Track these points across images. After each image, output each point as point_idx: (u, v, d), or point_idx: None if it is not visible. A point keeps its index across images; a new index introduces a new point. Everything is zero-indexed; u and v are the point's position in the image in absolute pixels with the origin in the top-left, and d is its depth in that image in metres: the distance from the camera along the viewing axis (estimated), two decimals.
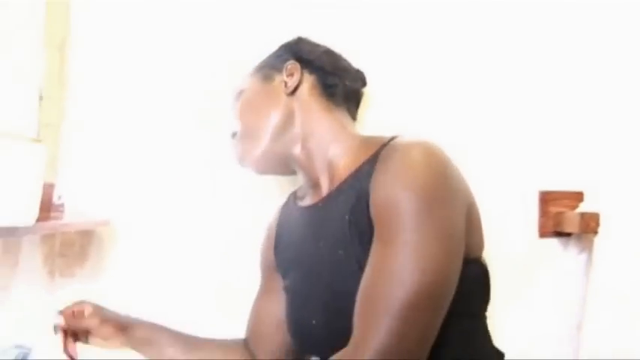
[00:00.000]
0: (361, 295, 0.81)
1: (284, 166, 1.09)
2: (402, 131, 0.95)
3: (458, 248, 0.83)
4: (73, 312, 1.09)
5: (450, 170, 0.87)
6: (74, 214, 1.21)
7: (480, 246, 0.95)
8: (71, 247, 1.32)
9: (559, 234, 1.33)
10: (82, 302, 1.12)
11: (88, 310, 1.10)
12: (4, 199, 0.90)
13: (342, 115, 1.06)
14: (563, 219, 1.31)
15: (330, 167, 1.01)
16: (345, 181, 0.96)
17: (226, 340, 1.18)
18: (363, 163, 0.93)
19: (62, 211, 1.19)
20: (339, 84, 1.06)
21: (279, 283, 1.14)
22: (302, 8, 1.30)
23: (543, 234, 1.33)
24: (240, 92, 1.10)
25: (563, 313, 1.31)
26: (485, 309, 0.97)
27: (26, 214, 0.93)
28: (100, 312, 1.11)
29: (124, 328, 1.11)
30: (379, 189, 0.85)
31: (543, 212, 1.33)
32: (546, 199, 1.34)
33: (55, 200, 1.19)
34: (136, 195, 1.31)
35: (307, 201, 1.07)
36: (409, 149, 0.86)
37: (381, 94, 1.27)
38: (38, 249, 1.25)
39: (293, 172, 1.11)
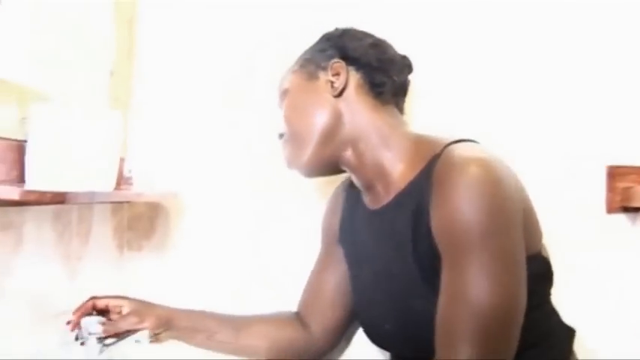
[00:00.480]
0: (439, 322, 0.85)
1: (333, 169, 1.06)
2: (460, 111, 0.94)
3: (522, 264, 0.85)
4: (108, 304, 1.09)
5: (507, 185, 0.86)
6: (143, 187, 1.22)
7: (538, 238, 0.95)
8: (139, 221, 1.35)
9: (627, 209, 1.31)
10: (118, 297, 1.11)
11: (126, 308, 1.09)
12: (84, 163, 0.91)
13: (392, 114, 1.03)
14: (631, 194, 1.29)
15: (384, 174, 1.00)
16: (402, 194, 0.96)
17: (276, 314, 1.19)
18: (419, 177, 0.93)
19: (131, 184, 1.22)
20: (386, 81, 1.02)
21: (339, 256, 1.15)
22: None
23: (611, 209, 1.31)
24: (285, 91, 1.07)
25: (631, 288, 1.29)
26: (549, 293, 0.98)
27: (105, 179, 0.95)
28: (138, 308, 1.10)
29: (167, 321, 1.11)
30: (441, 214, 0.86)
31: (611, 187, 1.31)
32: (614, 174, 1.31)
33: (126, 173, 1.22)
34: (203, 169, 1.32)
35: (367, 200, 1.07)
36: (466, 168, 0.85)
37: (431, 81, 1.27)
38: (109, 222, 1.27)
39: (343, 172, 1.09)
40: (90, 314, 1.08)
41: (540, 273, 0.92)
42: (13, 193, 0.80)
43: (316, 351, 1.18)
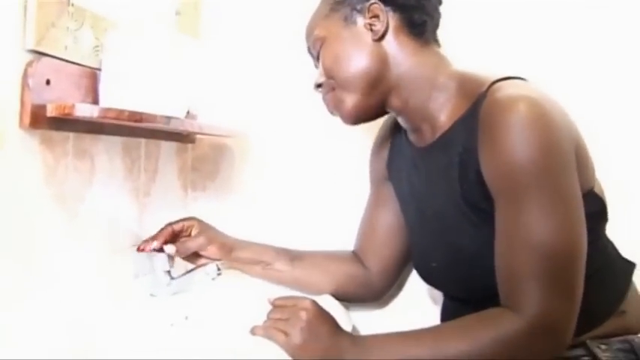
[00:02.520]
0: (500, 266, 0.84)
1: (379, 113, 1.03)
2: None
3: (580, 201, 0.83)
4: (183, 226, 1.10)
5: (558, 122, 0.83)
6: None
7: (590, 175, 0.91)
8: (204, 162, 1.35)
9: None
10: (190, 218, 1.11)
11: (196, 229, 1.10)
12: (156, 88, 0.91)
13: (434, 53, 0.99)
14: None
15: (430, 115, 0.97)
16: (448, 134, 0.93)
17: (334, 251, 1.18)
18: (465, 116, 0.90)
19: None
20: (426, 20, 0.98)
21: (389, 193, 1.14)
22: None
23: None
24: (320, 39, 1.01)
25: None
26: (604, 228, 0.95)
27: (177, 106, 0.95)
28: (207, 231, 1.10)
29: (229, 250, 1.12)
30: (492, 156, 0.83)
31: None
32: None
33: (191, 111, 1.21)
34: (268, 110, 1.31)
35: (413, 139, 1.05)
36: (514, 107, 0.81)
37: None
38: (174, 162, 1.28)
39: (387, 113, 1.06)
40: (160, 250, 1.08)
41: (594, 210, 0.89)
42: (92, 110, 0.80)
43: (375, 289, 1.17)
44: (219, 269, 1.05)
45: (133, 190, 1.11)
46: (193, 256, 1.11)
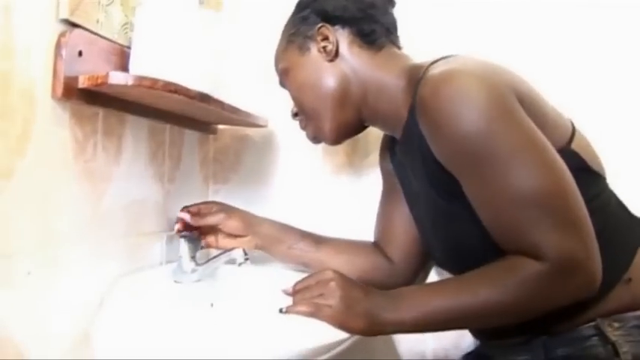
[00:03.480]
0: (499, 231, 0.82)
1: (357, 128, 1.05)
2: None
3: (542, 138, 0.81)
4: (199, 209, 1.08)
5: (486, 80, 0.81)
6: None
7: (561, 133, 0.88)
8: (225, 153, 1.33)
9: None
10: (208, 202, 1.11)
11: (215, 207, 1.09)
12: (186, 63, 0.90)
13: (390, 56, 0.99)
14: None
15: (397, 115, 0.96)
16: (407, 127, 0.94)
17: (357, 240, 1.16)
18: (411, 106, 0.90)
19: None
20: (375, 28, 0.99)
21: (399, 186, 1.12)
22: None
23: None
24: (283, 71, 1.03)
25: None
26: (602, 185, 0.92)
27: (207, 81, 0.93)
28: (226, 208, 1.09)
29: (250, 224, 1.09)
30: (435, 138, 0.83)
31: None
32: None
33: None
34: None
35: (390, 133, 1.07)
36: (437, 85, 0.81)
37: None
38: (196, 152, 1.27)
39: (366, 128, 1.07)
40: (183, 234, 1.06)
41: (574, 167, 0.83)
42: (127, 78, 0.79)
43: (399, 280, 1.13)
44: (246, 254, 1.03)
45: (157, 175, 1.09)
46: (215, 239, 1.10)
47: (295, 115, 1.06)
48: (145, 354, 0.82)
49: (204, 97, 0.90)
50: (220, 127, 1.31)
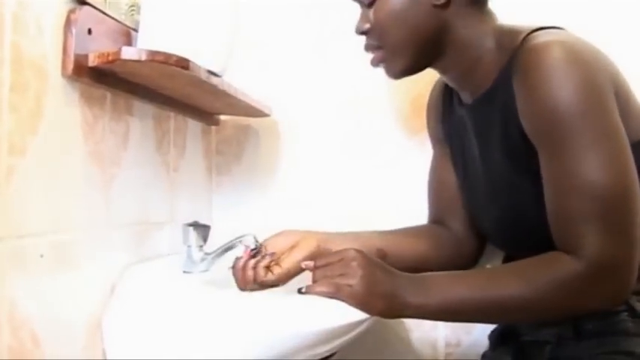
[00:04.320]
0: (554, 213, 0.81)
1: (424, 69, 0.99)
2: None
3: (626, 139, 0.81)
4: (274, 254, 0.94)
5: (592, 62, 0.81)
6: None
7: (636, 126, 0.87)
8: (228, 144, 1.31)
9: None
10: (272, 238, 0.97)
11: (303, 243, 0.95)
12: (196, 41, 0.88)
13: (489, 18, 0.94)
14: None
15: (475, 74, 0.94)
16: (490, 91, 0.91)
17: (413, 227, 1.11)
18: (503, 71, 0.89)
19: None
20: None
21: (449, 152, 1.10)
22: None
23: None
24: None
25: None
26: None
27: (218, 61, 0.92)
28: (316, 238, 0.96)
29: (322, 240, 0.97)
30: (529, 106, 0.82)
31: None
32: None
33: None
34: (294, 89, 1.28)
35: (462, 97, 1.01)
36: (545, 54, 0.80)
37: None
38: (199, 142, 1.25)
39: None
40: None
41: None
42: (140, 53, 0.77)
43: (468, 252, 1.10)
44: (257, 241, 1.00)
45: (163, 164, 1.07)
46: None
47: (363, 33, 0.95)
48: (155, 346, 0.81)
49: (214, 82, 0.89)
50: (222, 117, 1.29)
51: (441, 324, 1.21)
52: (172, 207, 1.09)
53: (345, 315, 0.81)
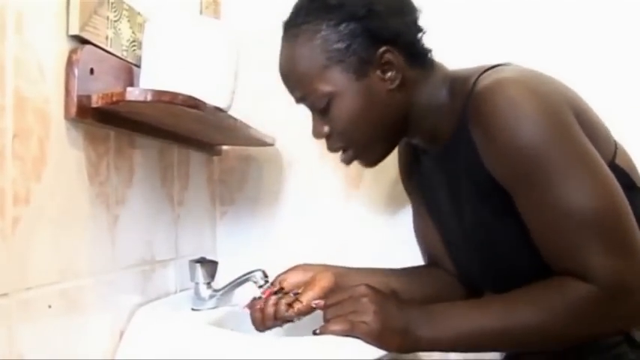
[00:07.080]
0: (547, 248, 0.78)
1: (397, 145, 0.97)
2: None
3: (598, 157, 0.78)
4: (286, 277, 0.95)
5: (542, 91, 0.79)
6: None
7: (606, 147, 0.85)
8: (231, 174, 1.29)
9: None
10: (287, 272, 0.96)
11: (320, 278, 0.92)
12: (198, 76, 0.87)
13: (435, 71, 0.92)
14: None
15: (437, 129, 0.92)
16: (452, 141, 0.89)
17: (418, 268, 1.10)
18: (460, 119, 0.85)
19: None
20: (425, 44, 0.91)
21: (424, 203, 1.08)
22: None
23: None
24: (326, 95, 0.87)
25: None
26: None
27: (221, 95, 0.90)
28: (332, 273, 0.94)
29: (341, 280, 0.95)
30: (489, 149, 0.79)
31: None
32: None
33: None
34: (296, 120, 1.26)
35: (425, 147, 0.99)
36: (493, 95, 0.77)
37: None
38: (204, 173, 1.23)
39: None
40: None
41: (622, 184, 0.80)
42: (145, 94, 0.75)
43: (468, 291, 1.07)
44: (266, 276, 0.98)
45: (168, 197, 1.05)
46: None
47: (325, 135, 0.92)
48: None
49: (221, 117, 0.87)
50: (224, 147, 1.27)
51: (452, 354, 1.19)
52: (177, 242, 1.07)
53: (360, 353, 0.79)
